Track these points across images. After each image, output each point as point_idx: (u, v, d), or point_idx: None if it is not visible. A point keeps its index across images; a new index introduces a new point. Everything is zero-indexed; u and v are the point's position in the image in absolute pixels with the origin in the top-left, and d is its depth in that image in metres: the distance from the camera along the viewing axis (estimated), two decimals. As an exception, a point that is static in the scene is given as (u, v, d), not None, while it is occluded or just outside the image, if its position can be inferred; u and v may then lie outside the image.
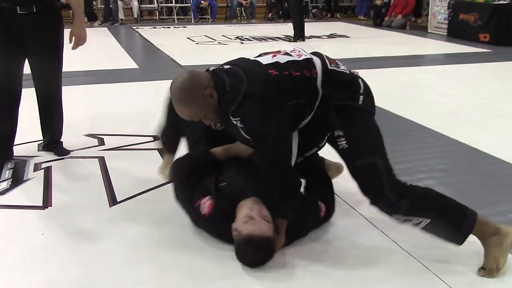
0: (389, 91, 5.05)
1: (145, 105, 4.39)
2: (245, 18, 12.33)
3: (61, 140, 3.23)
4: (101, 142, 3.47)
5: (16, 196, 2.67)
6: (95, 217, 2.42)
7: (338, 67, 2.14)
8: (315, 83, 2.04)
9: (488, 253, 1.98)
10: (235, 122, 1.99)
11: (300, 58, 2.08)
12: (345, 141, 2.07)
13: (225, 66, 2.10)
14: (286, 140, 2.01)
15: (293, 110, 2.01)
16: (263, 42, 8.55)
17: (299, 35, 8.35)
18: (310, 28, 8.45)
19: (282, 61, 2.05)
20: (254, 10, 12.31)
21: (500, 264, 1.95)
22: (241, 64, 2.09)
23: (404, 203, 1.99)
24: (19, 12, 2.76)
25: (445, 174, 2.95)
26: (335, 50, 7.72)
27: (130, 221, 2.38)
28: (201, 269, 2.01)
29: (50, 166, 3.03)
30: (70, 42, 2.99)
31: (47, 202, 2.59)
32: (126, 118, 4.00)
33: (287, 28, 10.13)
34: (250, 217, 1.97)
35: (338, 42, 8.73)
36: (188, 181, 2.21)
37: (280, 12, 12.57)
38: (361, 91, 2.13)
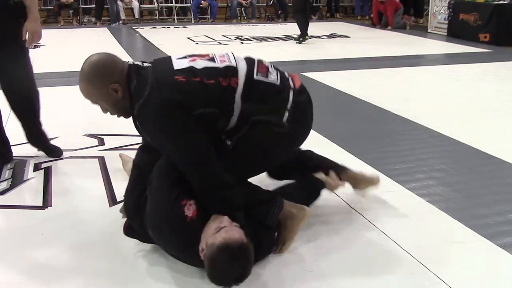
0: (389, 91, 5.06)
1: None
2: (245, 18, 12.33)
3: (48, 140, 3.19)
4: (101, 142, 3.47)
5: (16, 196, 2.67)
6: (95, 217, 2.42)
7: (267, 77, 2.01)
8: (232, 93, 1.93)
9: (280, 234, 2.12)
10: (139, 128, 1.96)
11: (221, 65, 1.97)
12: (233, 147, 2.02)
13: (144, 64, 1.99)
14: (193, 145, 1.89)
15: (202, 119, 1.88)
16: (263, 42, 8.56)
17: (305, 33, 8.25)
18: (310, 28, 8.43)
19: (198, 67, 1.94)
20: (254, 10, 12.31)
21: (286, 246, 2.12)
22: (158, 65, 1.99)
23: None
24: None
25: (445, 174, 2.95)
26: (335, 50, 7.73)
27: (130, 221, 2.38)
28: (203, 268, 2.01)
29: (50, 166, 3.03)
30: (24, 38, 2.87)
31: (47, 202, 2.59)
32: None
33: (287, 28, 10.14)
34: (221, 227, 1.81)
35: (338, 42, 8.73)
36: (176, 177, 1.98)
37: (279, 12, 12.57)
38: (288, 107, 2.01)
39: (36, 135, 3.15)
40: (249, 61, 2.06)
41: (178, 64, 1.96)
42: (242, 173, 2.04)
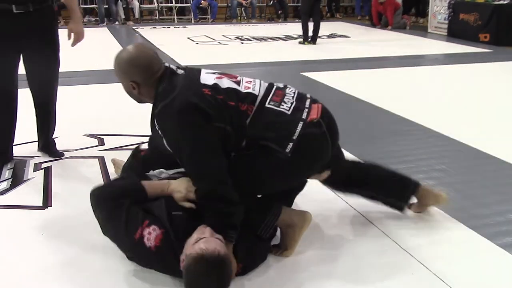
0: (389, 91, 5.06)
1: (145, 105, 4.37)
2: (245, 18, 12.33)
3: (53, 140, 3.21)
4: (101, 142, 3.47)
5: (16, 196, 2.67)
6: (95, 217, 2.42)
7: (279, 106, 2.01)
8: (245, 119, 1.97)
9: (281, 241, 2.14)
10: (156, 127, 1.97)
11: (244, 91, 2.01)
12: (236, 159, 2.01)
13: (178, 71, 2.06)
14: (209, 150, 1.90)
15: (219, 133, 1.92)
16: (263, 42, 8.56)
17: (306, 37, 8.18)
18: (311, 28, 8.43)
19: (222, 86, 1.99)
20: (254, 10, 12.31)
21: (288, 253, 2.12)
22: (189, 74, 2.04)
23: None
24: (14, 11, 2.70)
25: (445, 174, 2.95)
26: (335, 50, 7.73)
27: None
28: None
29: (50, 166, 3.03)
30: (69, 39, 2.96)
31: (47, 202, 2.59)
32: (126, 118, 4.00)
33: (287, 28, 10.14)
34: (201, 238, 1.78)
35: (338, 42, 8.73)
36: (117, 211, 1.96)
37: (279, 12, 12.57)
38: (294, 138, 1.96)
39: (50, 140, 3.17)
40: (268, 88, 2.08)
41: (204, 79, 2.01)
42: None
